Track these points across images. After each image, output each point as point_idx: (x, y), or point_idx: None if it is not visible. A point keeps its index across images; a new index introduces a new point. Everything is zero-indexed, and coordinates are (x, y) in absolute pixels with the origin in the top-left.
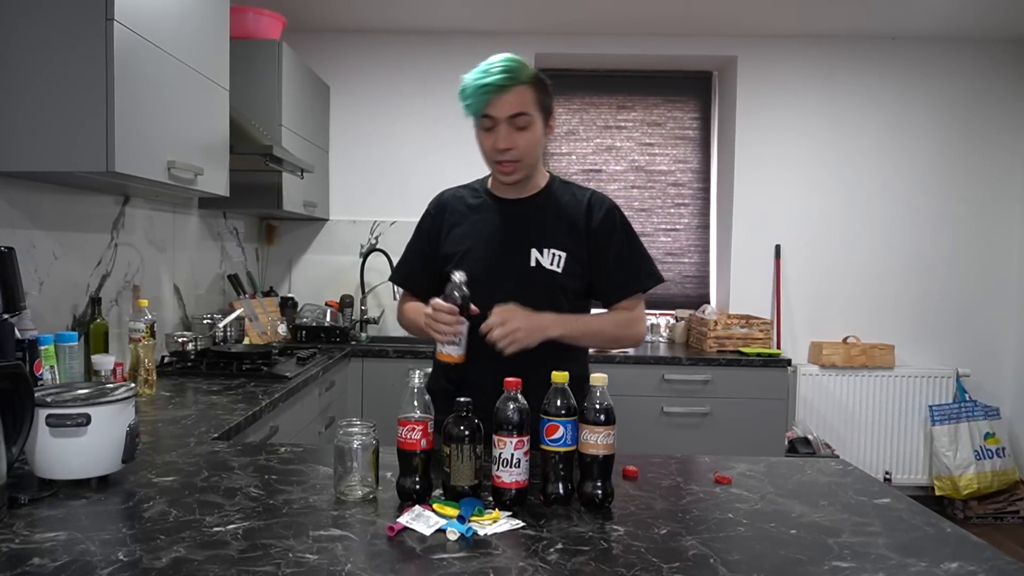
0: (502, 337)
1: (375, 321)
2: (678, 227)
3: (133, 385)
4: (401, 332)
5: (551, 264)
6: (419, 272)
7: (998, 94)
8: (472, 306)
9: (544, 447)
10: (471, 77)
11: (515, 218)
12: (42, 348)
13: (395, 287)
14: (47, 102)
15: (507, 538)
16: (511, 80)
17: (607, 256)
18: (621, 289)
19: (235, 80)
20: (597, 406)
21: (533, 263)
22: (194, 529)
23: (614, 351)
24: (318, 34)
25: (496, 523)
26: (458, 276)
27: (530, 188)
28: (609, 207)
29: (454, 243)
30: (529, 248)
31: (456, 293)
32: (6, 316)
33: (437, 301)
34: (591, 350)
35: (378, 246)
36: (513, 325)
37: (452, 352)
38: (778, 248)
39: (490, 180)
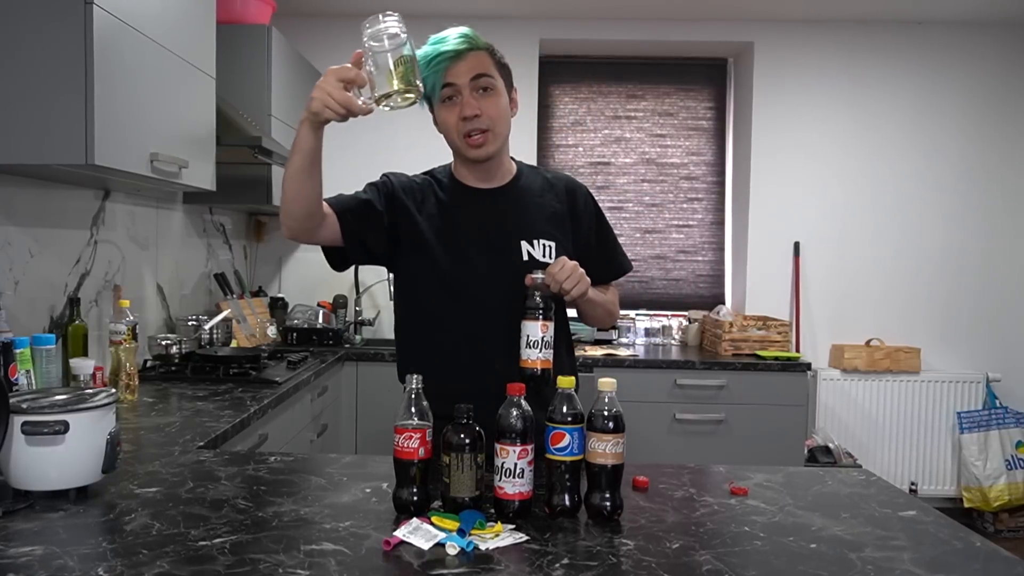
0: (566, 278)
1: (370, 323)
2: (691, 223)
3: (114, 391)
4: None
5: (543, 255)
6: (356, 210)
7: None
8: None
9: (549, 456)
10: (422, 53)
11: (495, 209)
12: (17, 351)
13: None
14: (22, 91)
15: (510, 553)
16: (467, 44)
17: (590, 240)
18: (608, 271)
19: (222, 67)
20: (605, 413)
21: (525, 256)
22: (178, 543)
23: (623, 353)
24: (309, 19)
25: (498, 537)
26: (538, 277)
27: (502, 175)
28: (587, 191)
29: (432, 239)
30: (519, 241)
31: (538, 297)
32: None
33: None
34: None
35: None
36: (574, 266)
37: (536, 356)
38: (797, 245)
39: (456, 169)
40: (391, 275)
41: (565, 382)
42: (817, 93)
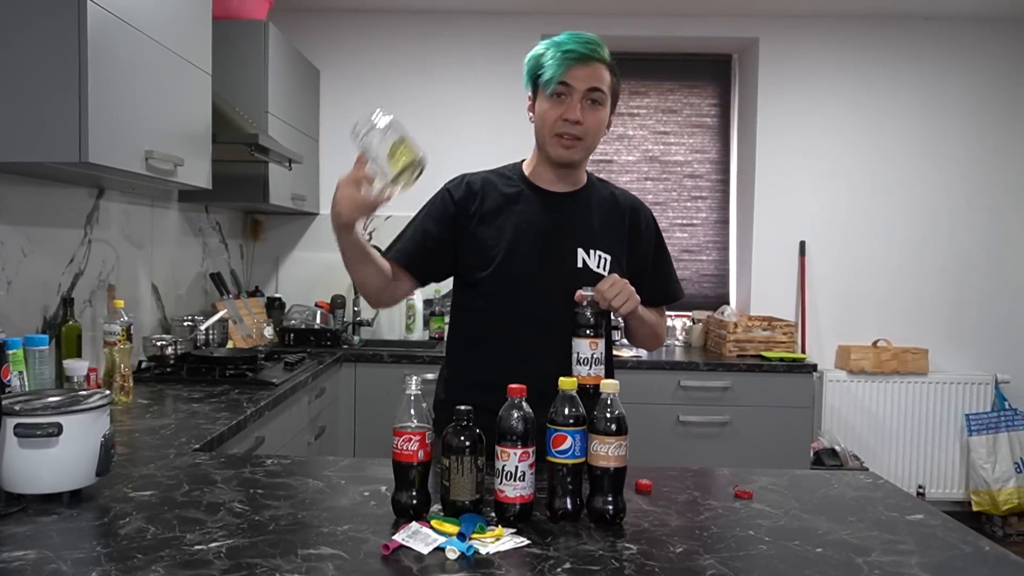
0: (615, 295)
1: (369, 323)
2: (695, 222)
3: (108, 392)
4: (396, 335)
5: (597, 266)
6: (421, 253)
7: None
8: None
9: (551, 459)
10: (551, 43)
11: (560, 213)
12: (10, 352)
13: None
14: (15, 87)
15: (511, 557)
16: (596, 53)
17: (647, 263)
18: (660, 296)
19: (218, 64)
20: (608, 415)
21: (580, 264)
22: (174, 547)
23: (626, 355)
24: (307, 14)
25: (499, 541)
26: (588, 293)
27: (574, 182)
28: (651, 214)
29: (492, 235)
30: (576, 247)
31: (588, 314)
32: None
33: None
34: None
35: (372, 242)
36: (624, 283)
37: (586, 373)
38: (803, 244)
39: (527, 167)
40: None
41: (566, 383)
42: (823, 90)
